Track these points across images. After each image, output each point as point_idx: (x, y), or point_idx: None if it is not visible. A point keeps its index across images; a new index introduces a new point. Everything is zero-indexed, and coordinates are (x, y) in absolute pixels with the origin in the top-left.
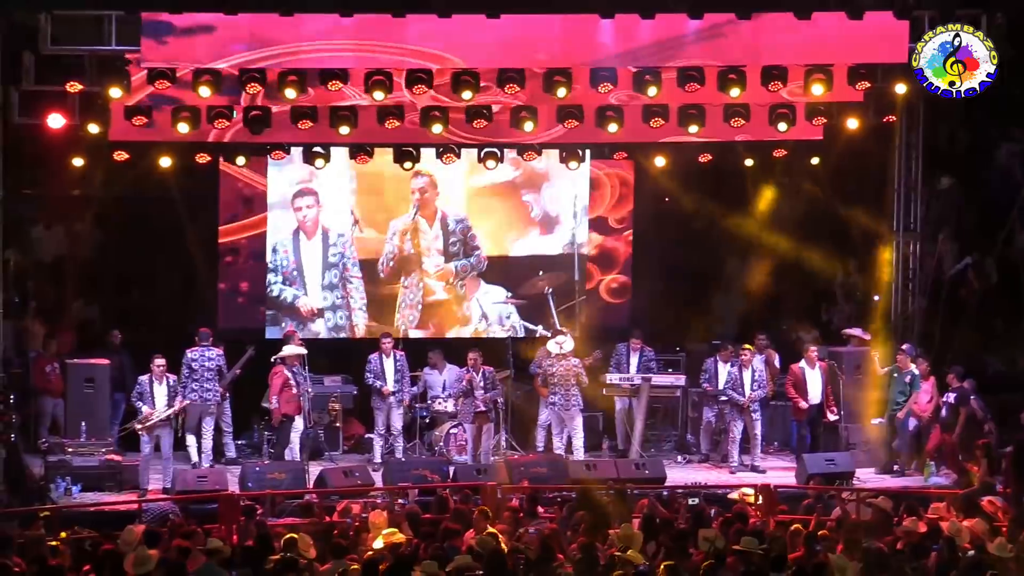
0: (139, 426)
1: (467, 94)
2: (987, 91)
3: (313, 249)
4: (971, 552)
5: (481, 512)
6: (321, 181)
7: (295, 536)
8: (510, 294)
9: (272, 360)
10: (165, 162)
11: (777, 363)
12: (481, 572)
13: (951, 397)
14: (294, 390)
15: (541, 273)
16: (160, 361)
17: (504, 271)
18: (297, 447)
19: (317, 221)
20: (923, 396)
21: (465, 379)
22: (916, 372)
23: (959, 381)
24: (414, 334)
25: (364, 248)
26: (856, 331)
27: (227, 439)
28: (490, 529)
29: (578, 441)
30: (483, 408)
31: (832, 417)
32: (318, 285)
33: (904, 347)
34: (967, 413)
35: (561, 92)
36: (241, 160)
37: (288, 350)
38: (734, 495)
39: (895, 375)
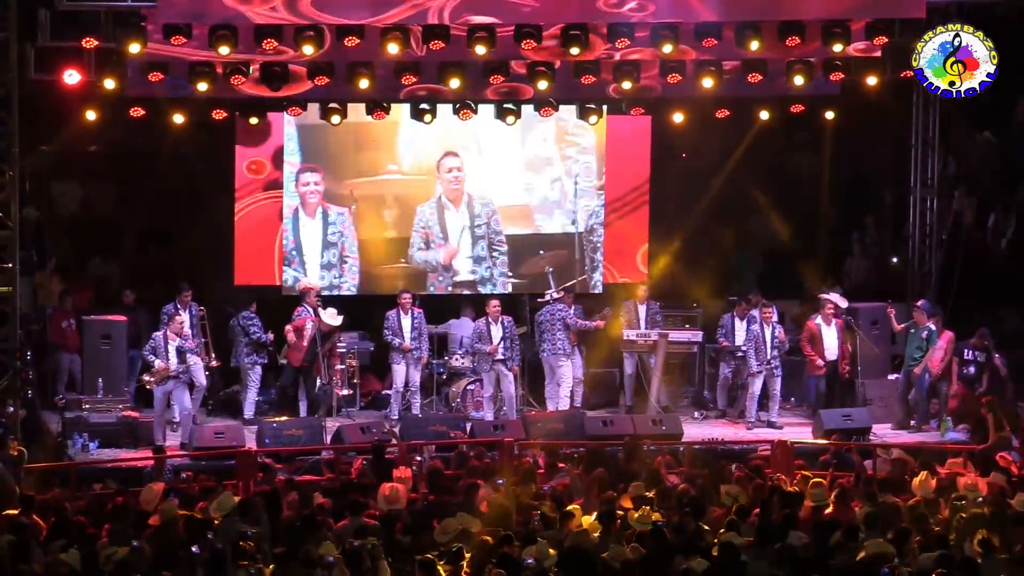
0: (148, 378)
1: (481, 49)
2: (1007, 46)
3: (313, 228)
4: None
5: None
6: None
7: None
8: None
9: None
10: (179, 118)
11: (776, 318)
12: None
13: (980, 356)
14: (305, 342)
15: (542, 252)
16: (179, 319)
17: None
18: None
19: (320, 199)
20: (938, 352)
21: (483, 325)
22: (933, 328)
23: (982, 339)
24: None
25: (364, 227)
26: (834, 295)
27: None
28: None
29: (564, 389)
30: (500, 356)
31: (846, 373)
32: (316, 264)
33: (919, 303)
34: (991, 370)
35: (575, 51)
36: (254, 120)
37: (327, 315)
38: None
39: (912, 331)
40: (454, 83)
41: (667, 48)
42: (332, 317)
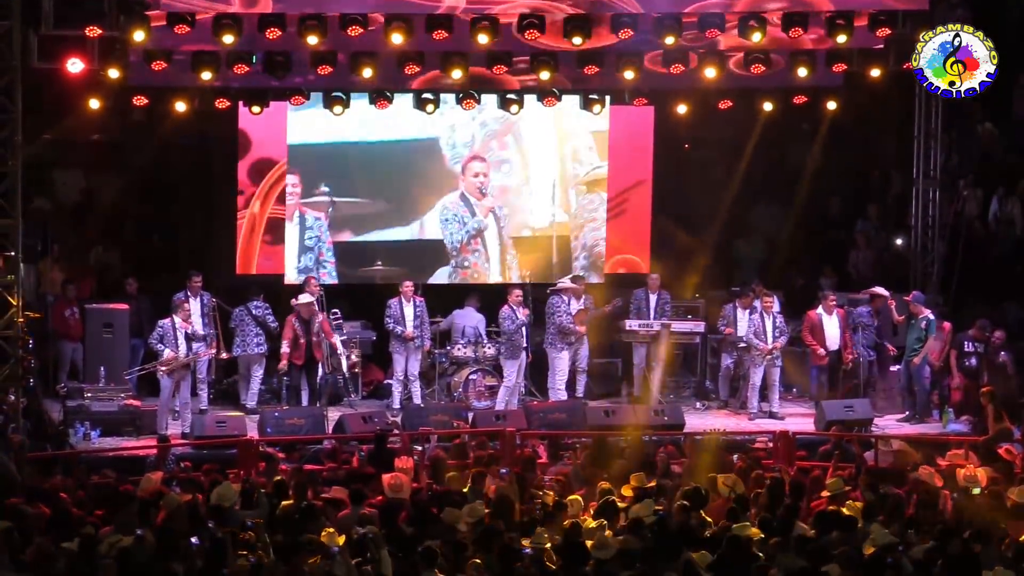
0: (162, 367)
1: (484, 38)
2: (1011, 37)
3: (290, 231)
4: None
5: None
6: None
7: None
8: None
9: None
10: (182, 107)
11: (777, 308)
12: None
13: (980, 347)
14: (301, 340)
15: (514, 253)
16: (187, 307)
17: None
18: (306, 394)
19: (298, 203)
20: (937, 343)
21: (523, 313)
22: (931, 318)
23: (983, 331)
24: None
25: (339, 233)
26: (879, 288)
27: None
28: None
29: (559, 380)
30: (526, 344)
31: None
32: (293, 268)
33: (910, 297)
34: (991, 363)
35: (577, 40)
36: (256, 109)
37: (301, 299)
38: None
39: (912, 322)
40: (457, 74)
41: (669, 41)
42: (305, 298)
